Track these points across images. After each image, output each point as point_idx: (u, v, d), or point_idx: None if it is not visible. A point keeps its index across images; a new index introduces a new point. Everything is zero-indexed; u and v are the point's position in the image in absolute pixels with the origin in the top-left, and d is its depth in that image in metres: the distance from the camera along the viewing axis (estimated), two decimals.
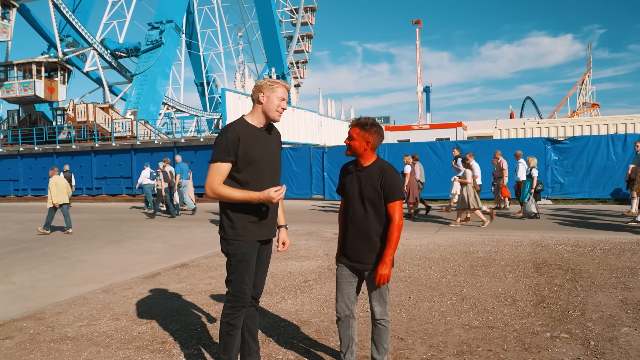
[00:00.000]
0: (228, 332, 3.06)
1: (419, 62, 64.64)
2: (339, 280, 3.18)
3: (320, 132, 30.23)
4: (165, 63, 32.30)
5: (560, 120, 31.90)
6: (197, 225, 12.57)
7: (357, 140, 3.03)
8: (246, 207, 2.97)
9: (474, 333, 4.17)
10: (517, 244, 8.29)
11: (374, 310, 3.15)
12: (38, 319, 4.93)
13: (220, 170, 2.91)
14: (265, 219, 3.04)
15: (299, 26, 54.13)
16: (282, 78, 47.96)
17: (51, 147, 25.97)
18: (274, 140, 3.15)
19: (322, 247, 8.63)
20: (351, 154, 3.09)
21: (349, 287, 3.15)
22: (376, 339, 3.19)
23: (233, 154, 2.91)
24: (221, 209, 3.07)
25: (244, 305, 3.06)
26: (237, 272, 3.02)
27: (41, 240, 10.45)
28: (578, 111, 60.47)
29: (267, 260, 3.25)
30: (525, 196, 12.00)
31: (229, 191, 2.91)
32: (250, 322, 3.24)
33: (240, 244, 2.99)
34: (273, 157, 3.09)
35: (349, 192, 3.09)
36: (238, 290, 3.03)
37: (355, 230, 3.07)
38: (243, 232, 2.99)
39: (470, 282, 5.89)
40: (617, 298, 5.06)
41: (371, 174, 3.04)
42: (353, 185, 3.07)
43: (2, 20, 27.80)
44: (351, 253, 3.11)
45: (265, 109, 3.01)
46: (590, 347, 3.79)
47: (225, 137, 2.91)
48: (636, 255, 7.14)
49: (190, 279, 6.52)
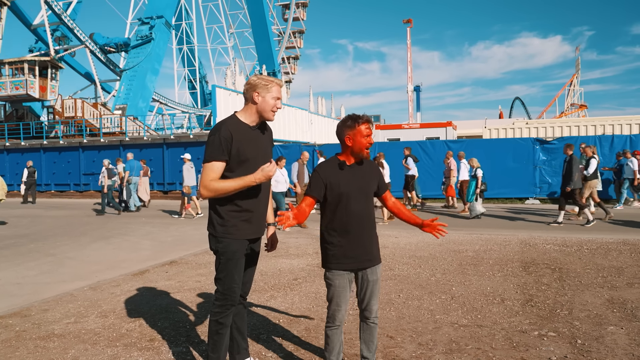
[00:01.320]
0: (217, 331, 3.04)
1: (410, 61, 64.81)
2: (339, 288, 2.98)
3: (311, 130, 30.19)
4: (155, 59, 32.05)
5: (549, 121, 32.19)
6: (187, 222, 12.50)
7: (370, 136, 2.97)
8: (236, 204, 2.96)
9: (463, 331, 4.20)
10: (506, 243, 8.36)
11: (371, 309, 3.07)
12: (24, 316, 4.87)
13: (214, 169, 2.88)
14: (255, 216, 3.03)
15: (290, 21, 53.92)
16: (272, 75, 47.78)
17: (38, 142, 25.64)
18: (266, 139, 3.12)
19: (312, 244, 8.62)
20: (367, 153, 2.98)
21: (348, 292, 3.02)
22: (367, 338, 3.14)
23: (227, 153, 2.89)
24: (210, 206, 3.04)
25: (233, 303, 3.04)
26: (226, 270, 2.99)
27: (27, 237, 10.33)
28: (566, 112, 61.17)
29: (256, 258, 3.24)
30: (471, 197, 12.21)
31: (224, 184, 2.88)
32: (238, 319, 3.23)
33: (230, 242, 2.97)
34: (265, 156, 3.06)
35: (344, 189, 2.94)
36: (227, 288, 3.00)
37: (361, 227, 2.96)
38: (233, 229, 2.97)
39: (459, 280, 5.92)
40: (604, 297, 5.12)
41: (368, 169, 3.04)
42: (351, 182, 2.96)
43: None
44: (360, 251, 2.97)
45: (260, 109, 2.98)
46: (577, 346, 3.83)
47: (219, 136, 2.88)
48: (622, 255, 7.23)
49: (179, 276, 6.48)
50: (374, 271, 3.03)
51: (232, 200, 2.95)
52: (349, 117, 2.97)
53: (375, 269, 3.03)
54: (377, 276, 3.05)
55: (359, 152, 2.95)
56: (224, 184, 2.88)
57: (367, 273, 3.01)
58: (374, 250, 3.03)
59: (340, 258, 2.96)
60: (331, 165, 3.01)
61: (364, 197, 2.99)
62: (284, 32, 53.91)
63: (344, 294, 2.99)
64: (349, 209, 2.93)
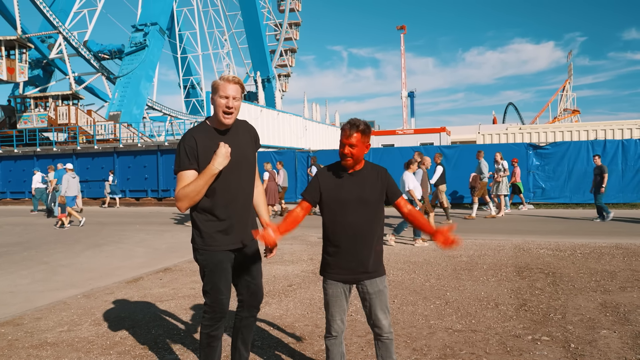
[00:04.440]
0: (209, 344, 2.97)
1: (404, 68, 65.17)
2: (333, 297, 2.87)
3: (306, 136, 30.24)
4: (149, 66, 32.02)
5: (542, 126, 32.41)
6: (180, 229, 12.46)
7: (358, 146, 2.78)
8: (210, 213, 2.87)
9: (457, 336, 4.21)
10: (500, 248, 8.39)
11: (381, 323, 2.87)
12: (17, 324, 4.83)
13: (184, 178, 2.80)
14: (232, 226, 2.91)
15: (287, 12, 54.09)
16: (267, 82, 47.89)
17: (31, 149, 25.52)
18: (241, 141, 2.96)
19: (307, 251, 8.62)
20: (352, 162, 2.80)
21: (344, 302, 2.89)
22: (385, 354, 2.92)
23: (194, 160, 2.81)
24: (191, 218, 2.97)
25: (223, 315, 2.95)
26: (211, 283, 2.91)
27: (21, 245, 10.26)
28: (559, 117, 61.58)
29: (253, 265, 3.06)
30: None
31: (189, 186, 2.77)
32: (245, 331, 3.12)
33: (210, 254, 2.89)
34: (239, 160, 2.90)
35: (342, 197, 2.80)
36: (214, 300, 2.92)
37: (356, 238, 2.79)
38: (210, 241, 2.88)
39: (453, 285, 5.94)
40: (597, 301, 5.15)
41: (368, 177, 2.86)
42: (349, 190, 2.81)
43: None
44: (353, 264, 2.82)
45: (214, 112, 2.86)
46: (571, 350, 3.85)
47: (183, 145, 2.83)
48: (615, 259, 7.27)
49: (173, 283, 6.45)
50: (373, 283, 2.85)
51: (206, 210, 2.87)
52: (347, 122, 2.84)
53: (374, 282, 2.85)
54: (378, 288, 2.85)
55: (341, 159, 2.83)
56: (189, 186, 2.77)
57: (366, 285, 2.85)
58: (371, 262, 2.84)
59: (335, 268, 2.86)
60: (331, 171, 2.88)
61: (362, 206, 2.81)
62: (281, 25, 53.99)
63: (339, 303, 2.87)
64: (345, 219, 2.79)
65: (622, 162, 15.53)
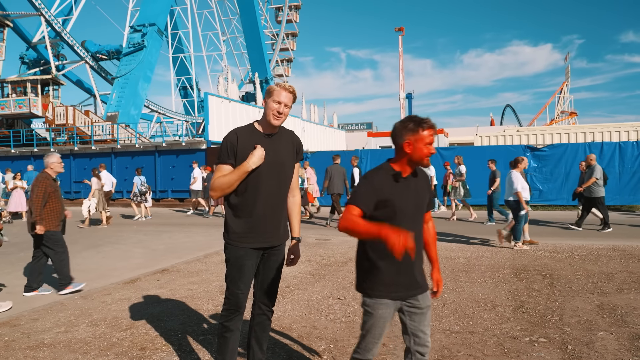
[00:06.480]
0: (222, 334, 3.09)
1: (402, 69, 65.18)
2: (382, 319, 2.53)
3: (303, 138, 30.26)
4: (148, 66, 31.96)
5: (539, 128, 32.49)
6: (178, 230, 12.45)
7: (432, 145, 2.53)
8: (237, 209, 3.00)
9: (455, 338, 4.21)
10: (497, 250, 8.40)
11: (427, 340, 2.61)
12: (13, 325, 4.82)
13: (221, 170, 2.99)
14: (258, 224, 3.00)
15: (284, 24, 54.22)
16: (265, 83, 47.90)
17: (28, 149, 25.47)
18: (282, 148, 3.06)
19: (305, 252, 8.61)
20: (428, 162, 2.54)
21: (388, 326, 2.59)
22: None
23: (232, 156, 2.96)
24: (225, 211, 3.11)
25: (237, 309, 3.06)
26: (230, 276, 3.05)
27: (17, 246, 10.23)
28: (556, 119, 61.72)
29: (274, 267, 3.14)
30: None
31: (223, 178, 2.94)
32: (259, 329, 3.20)
33: (233, 249, 3.02)
34: (276, 165, 3.00)
35: (401, 206, 2.49)
36: (231, 293, 3.05)
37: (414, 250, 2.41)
38: (234, 236, 3.01)
39: (451, 287, 5.94)
40: (594, 303, 5.16)
41: (423, 181, 2.62)
42: (407, 197, 2.51)
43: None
44: (410, 278, 2.53)
45: (265, 113, 3.00)
46: (568, 351, 3.85)
47: (225, 140, 3.01)
48: (612, 261, 7.29)
49: (170, 284, 6.44)
50: (425, 297, 2.60)
51: (235, 207, 3.01)
52: (411, 120, 2.50)
53: (426, 295, 2.62)
54: (430, 302, 2.64)
55: (418, 161, 2.50)
56: (223, 178, 2.95)
57: (419, 300, 2.57)
58: (423, 274, 2.62)
59: (390, 285, 2.50)
60: (385, 175, 2.52)
61: (419, 215, 2.58)
62: (277, 34, 54.14)
63: (386, 325, 2.57)
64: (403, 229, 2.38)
65: (619, 165, 15.59)
